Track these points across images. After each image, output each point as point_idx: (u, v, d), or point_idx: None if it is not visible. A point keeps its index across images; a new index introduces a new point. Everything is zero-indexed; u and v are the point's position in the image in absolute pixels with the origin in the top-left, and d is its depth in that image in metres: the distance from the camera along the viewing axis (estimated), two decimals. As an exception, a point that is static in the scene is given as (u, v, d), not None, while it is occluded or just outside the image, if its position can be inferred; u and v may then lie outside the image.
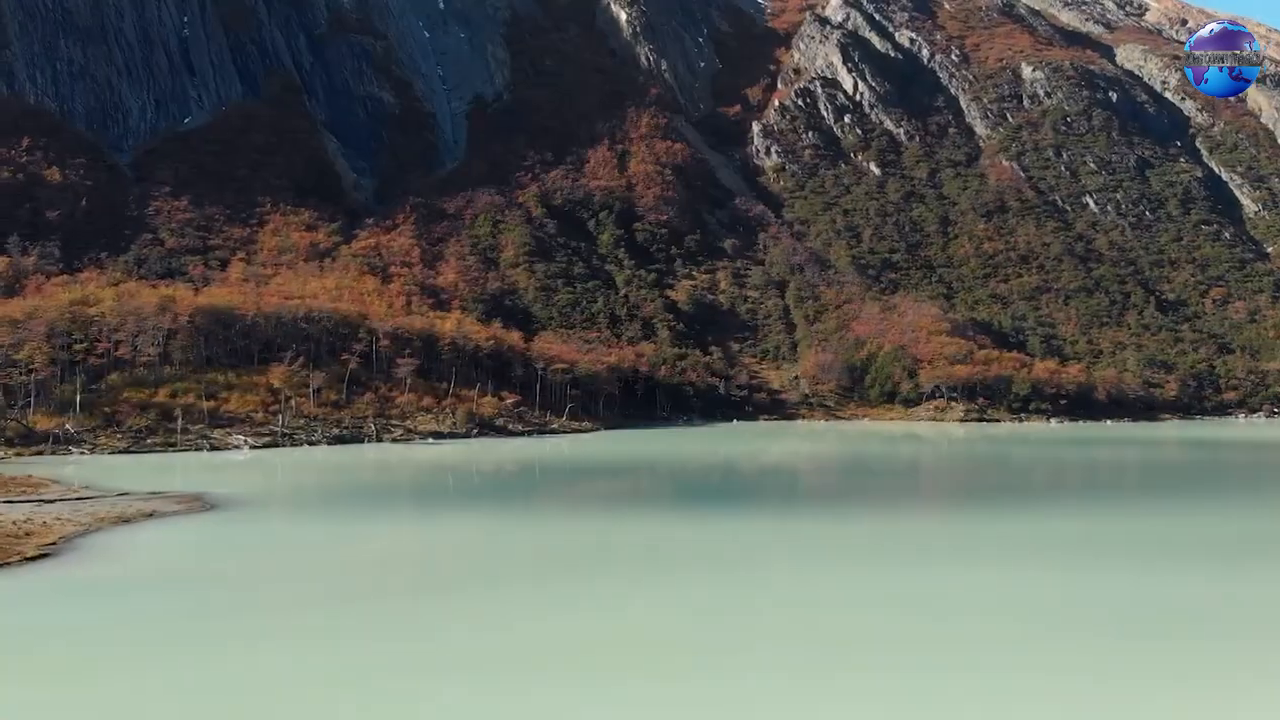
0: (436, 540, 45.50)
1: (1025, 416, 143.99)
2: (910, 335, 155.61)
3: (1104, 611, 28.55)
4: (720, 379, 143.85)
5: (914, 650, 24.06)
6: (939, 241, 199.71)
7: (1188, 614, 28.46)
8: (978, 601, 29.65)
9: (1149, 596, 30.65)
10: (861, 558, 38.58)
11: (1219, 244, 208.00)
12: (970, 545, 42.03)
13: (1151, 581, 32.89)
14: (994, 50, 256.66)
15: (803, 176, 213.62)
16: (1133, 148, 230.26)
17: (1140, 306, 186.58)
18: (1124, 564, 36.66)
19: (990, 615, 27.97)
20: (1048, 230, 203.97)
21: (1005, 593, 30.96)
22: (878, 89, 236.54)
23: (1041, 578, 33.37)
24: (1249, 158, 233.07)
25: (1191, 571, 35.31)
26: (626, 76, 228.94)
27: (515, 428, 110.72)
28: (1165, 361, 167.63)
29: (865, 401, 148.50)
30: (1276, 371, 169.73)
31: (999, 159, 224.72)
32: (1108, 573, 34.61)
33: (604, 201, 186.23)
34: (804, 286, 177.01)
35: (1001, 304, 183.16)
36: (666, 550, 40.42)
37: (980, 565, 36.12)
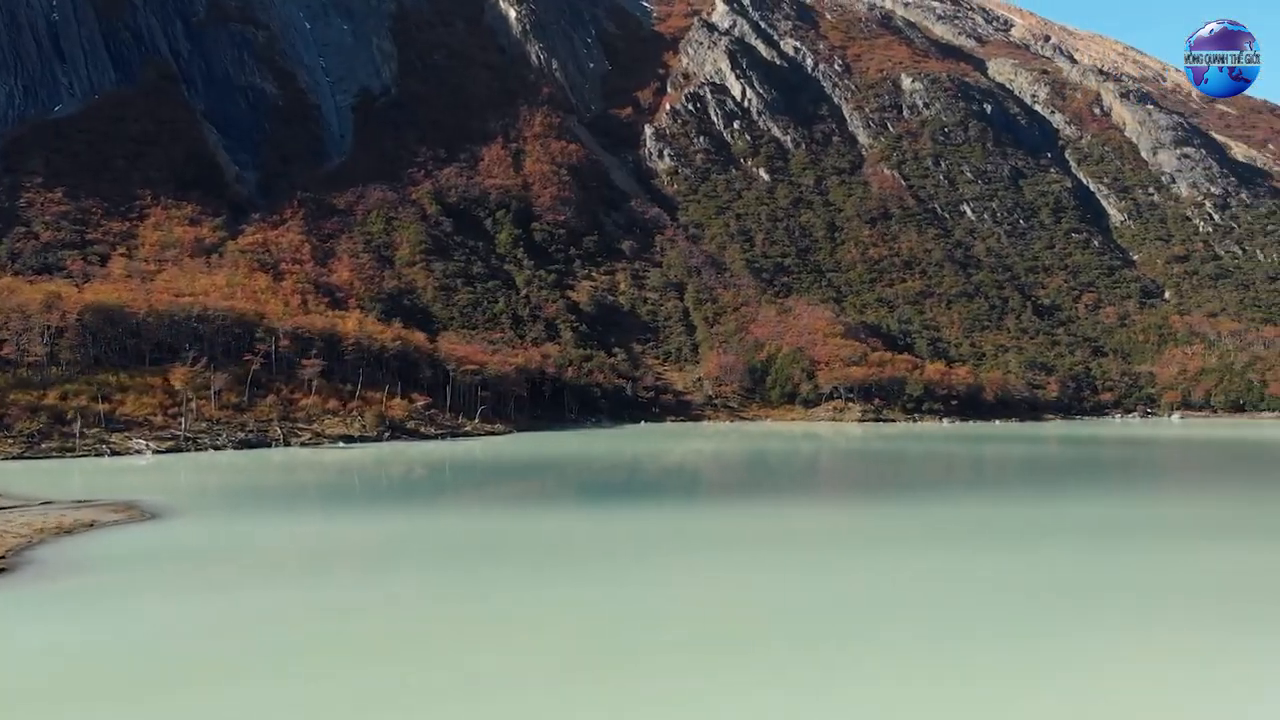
0: (419, 529, 46.83)
1: (919, 417, 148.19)
2: (807, 338, 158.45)
3: (985, 586, 31.97)
4: (627, 380, 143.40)
5: (793, 635, 25.91)
6: (827, 247, 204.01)
7: (1062, 584, 32.22)
8: (865, 587, 32.08)
9: (1012, 574, 34.07)
10: (768, 547, 40.58)
11: (1089, 251, 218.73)
12: (863, 533, 45.67)
13: (1029, 560, 36.91)
14: (874, 61, 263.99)
15: (695, 180, 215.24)
16: (1006, 158, 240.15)
17: (1018, 311, 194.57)
18: (1001, 545, 40.48)
19: (889, 599, 30.23)
20: (929, 237, 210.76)
21: (903, 575, 33.54)
22: (765, 96, 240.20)
23: (934, 561, 36.26)
24: (1114, 169, 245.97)
25: (1069, 549, 39.20)
26: (517, 75, 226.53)
27: (428, 431, 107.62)
28: (1045, 364, 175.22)
29: (767, 402, 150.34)
30: (1148, 374, 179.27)
31: (881, 167, 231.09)
32: (991, 553, 38.39)
33: (500, 200, 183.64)
34: (702, 289, 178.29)
35: (888, 308, 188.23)
36: (570, 543, 42.79)
37: (876, 551, 39.04)
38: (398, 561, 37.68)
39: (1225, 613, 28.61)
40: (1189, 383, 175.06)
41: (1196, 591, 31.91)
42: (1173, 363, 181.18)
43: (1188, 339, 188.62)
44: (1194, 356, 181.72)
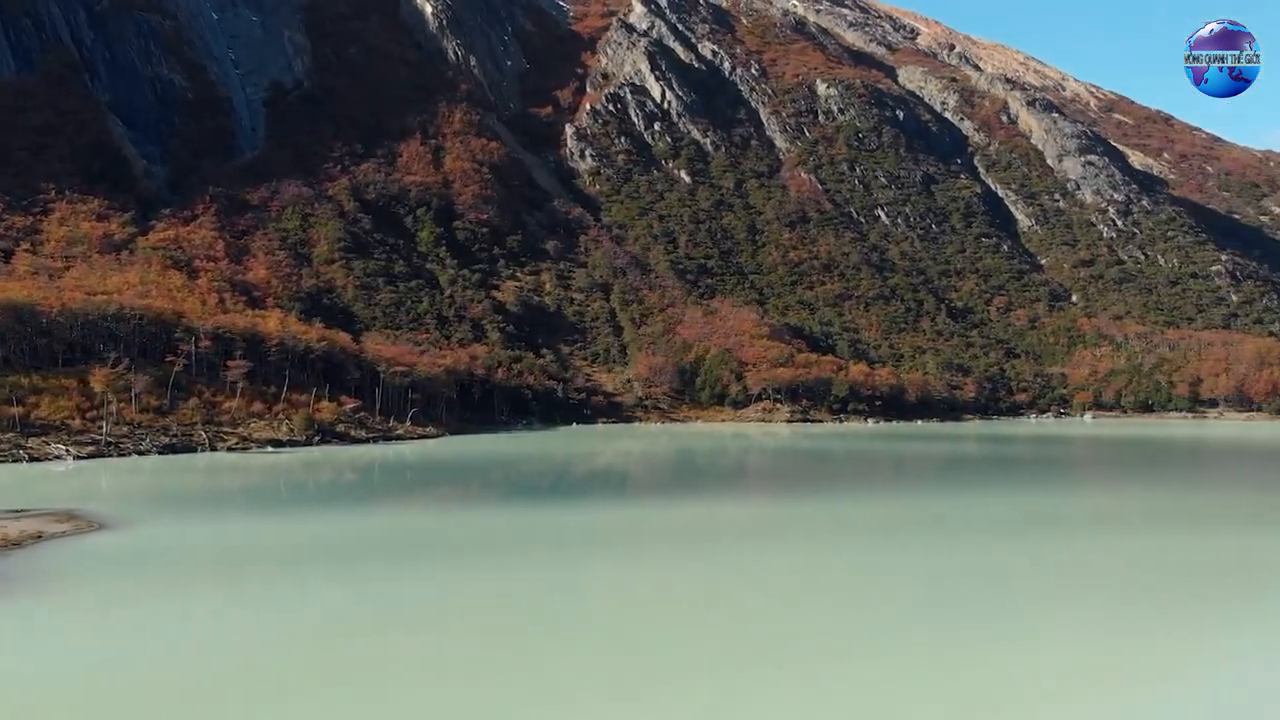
0: (387, 528, 47.83)
1: (845, 417, 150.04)
2: (734, 339, 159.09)
3: (892, 578, 34.16)
4: (558, 382, 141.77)
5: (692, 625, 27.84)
6: (749, 249, 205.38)
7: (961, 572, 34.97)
8: (788, 578, 33.88)
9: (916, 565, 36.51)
10: (688, 541, 42.86)
11: (998, 256, 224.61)
12: (782, 527, 47.86)
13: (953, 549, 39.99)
14: (790, 66, 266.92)
15: (618, 181, 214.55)
16: (918, 164, 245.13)
17: (933, 313, 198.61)
18: (898, 541, 43.15)
19: (801, 588, 32.24)
20: (846, 240, 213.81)
21: (814, 568, 35.94)
22: (685, 98, 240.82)
23: (859, 552, 39.23)
24: (1021, 176, 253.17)
25: (982, 539, 42.90)
26: (435, 71, 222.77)
27: (358, 434, 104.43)
28: (962, 365, 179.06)
29: (696, 404, 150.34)
30: (1060, 375, 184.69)
31: (798, 171, 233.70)
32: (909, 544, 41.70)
33: (420, 198, 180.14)
34: (628, 290, 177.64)
35: (809, 310, 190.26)
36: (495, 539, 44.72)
37: (792, 545, 41.16)
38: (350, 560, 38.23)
39: (1137, 594, 31.86)
40: (1099, 384, 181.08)
41: (1083, 577, 35.04)
42: (1083, 364, 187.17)
43: (1096, 341, 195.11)
44: (1103, 358, 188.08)
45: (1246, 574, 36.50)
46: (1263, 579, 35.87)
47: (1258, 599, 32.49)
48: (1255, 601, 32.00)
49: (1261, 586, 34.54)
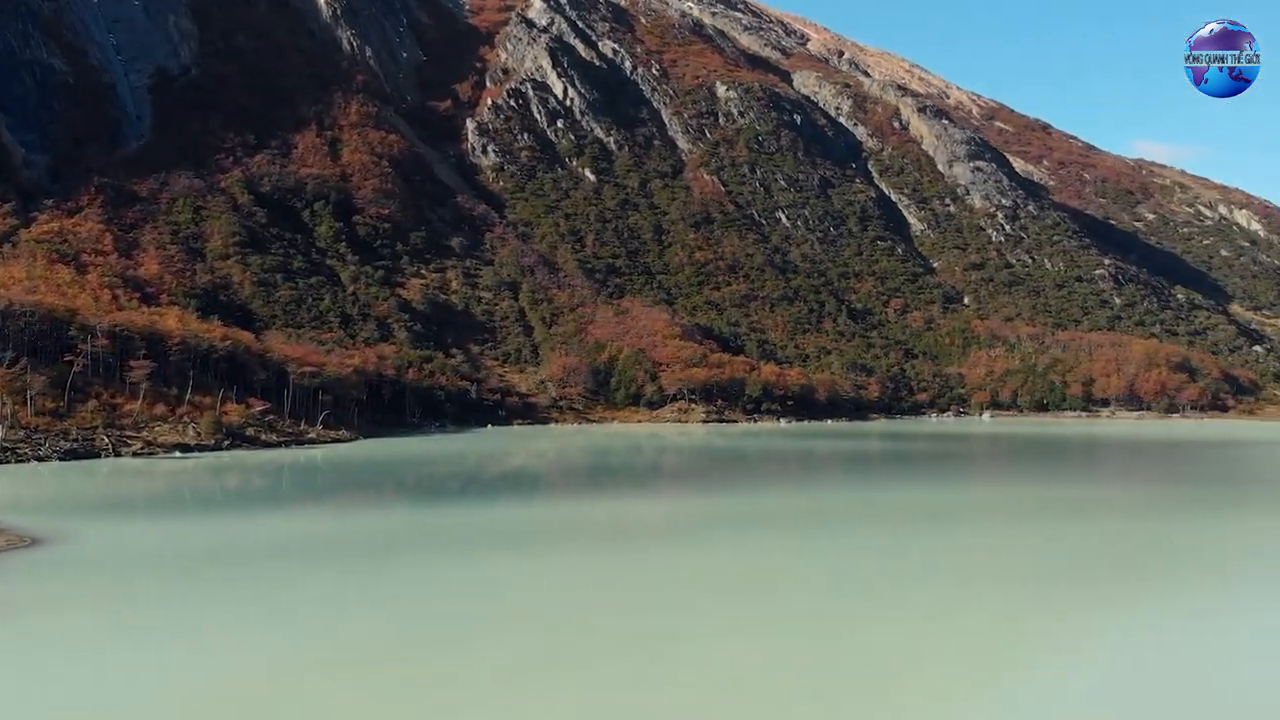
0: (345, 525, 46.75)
1: (758, 417, 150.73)
2: (647, 339, 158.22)
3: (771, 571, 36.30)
4: (471, 383, 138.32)
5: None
6: (655, 249, 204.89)
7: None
8: (694, 571, 35.58)
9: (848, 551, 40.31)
10: (589, 539, 44.52)
11: (894, 259, 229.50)
12: (693, 523, 49.63)
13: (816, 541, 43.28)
14: (690, 68, 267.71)
15: (522, 178, 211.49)
16: (815, 168, 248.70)
17: (835, 314, 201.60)
18: (797, 530, 46.59)
19: (687, 584, 33.51)
20: (749, 242, 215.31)
21: (713, 564, 37.30)
22: (587, 96, 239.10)
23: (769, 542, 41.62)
24: (914, 181, 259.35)
25: (863, 532, 46.12)
26: (329, 60, 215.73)
27: (268, 438, 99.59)
28: (865, 365, 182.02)
29: (612, 404, 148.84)
30: (957, 375, 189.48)
31: (701, 173, 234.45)
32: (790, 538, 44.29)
33: (318, 191, 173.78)
34: (537, 289, 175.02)
35: (717, 310, 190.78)
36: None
37: (702, 540, 43.12)
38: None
39: (1022, 578, 35.19)
40: (996, 383, 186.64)
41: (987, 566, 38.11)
42: (979, 364, 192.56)
43: (989, 342, 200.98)
44: (998, 359, 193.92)
45: (1125, 558, 40.35)
46: (1139, 563, 39.67)
47: (1128, 581, 35.98)
48: (1125, 584, 35.38)
49: (1133, 570, 38.14)
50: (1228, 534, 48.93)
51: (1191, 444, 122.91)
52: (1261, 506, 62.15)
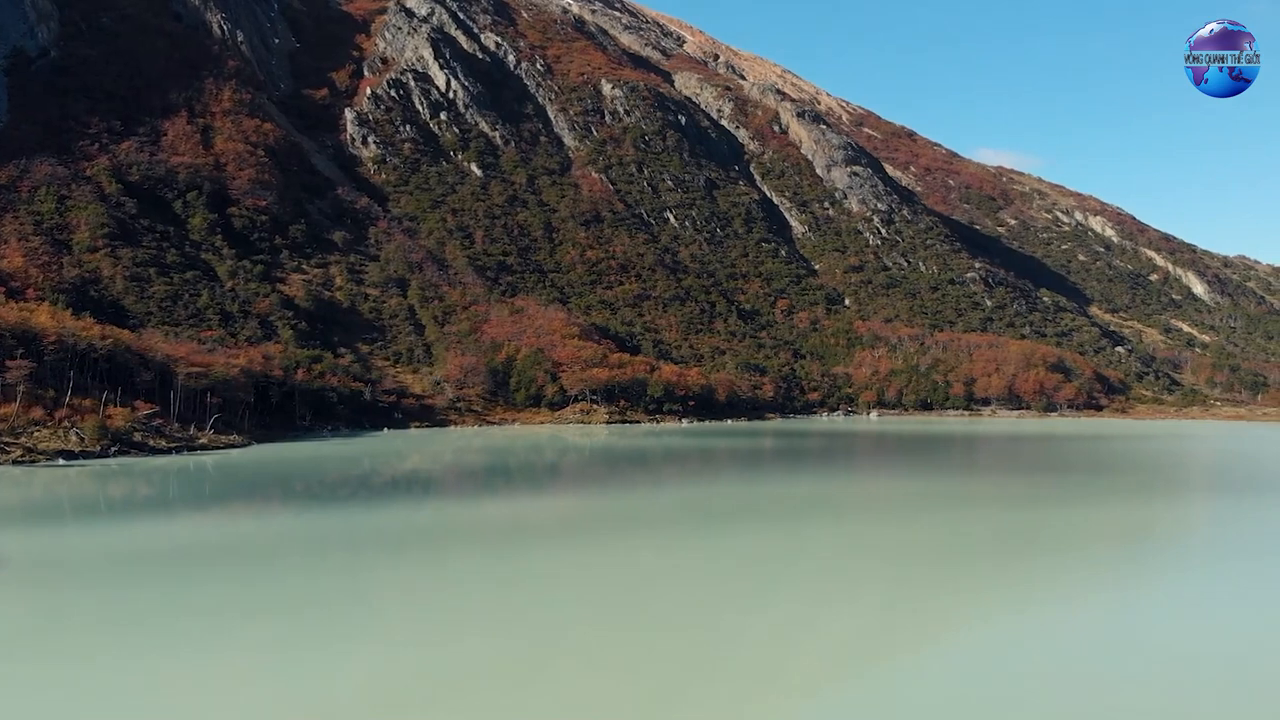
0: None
1: (661, 417, 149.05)
2: (545, 339, 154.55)
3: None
4: (365, 384, 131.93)
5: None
6: (546, 247, 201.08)
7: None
8: (582, 570, 35.84)
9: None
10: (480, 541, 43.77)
11: (778, 260, 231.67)
12: (589, 523, 49.53)
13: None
14: (574, 64, 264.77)
15: (405, 171, 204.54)
16: (701, 169, 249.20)
17: (725, 315, 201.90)
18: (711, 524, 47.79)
19: (596, 579, 34.07)
20: (640, 241, 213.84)
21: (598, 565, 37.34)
22: (471, 89, 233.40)
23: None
24: (794, 184, 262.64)
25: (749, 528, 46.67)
26: (199, 45, 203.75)
27: (157, 443, 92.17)
28: (758, 366, 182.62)
29: (512, 405, 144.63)
30: (845, 375, 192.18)
31: (589, 170, 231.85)
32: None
33: (190, 181, 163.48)
34: (426, 286, 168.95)
35: (611, 310, 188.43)
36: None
37: (598, 540, 43.07)
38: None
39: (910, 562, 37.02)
40: (882, 383, 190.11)
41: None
42: (865, 365, 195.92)
43: (872, 343, 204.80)
44: (882, 359, 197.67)
45: (996, 546, 42.28)
46: (1012, 548, 41.66)
47: (1007, 564, 37.80)
48: (1002, 567, 37.17)
49: (1009, 555, 40.07)
50: (1100, 520, 51.09)
51: (1078, 438, 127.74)
52: (1131, 495, 64.05)
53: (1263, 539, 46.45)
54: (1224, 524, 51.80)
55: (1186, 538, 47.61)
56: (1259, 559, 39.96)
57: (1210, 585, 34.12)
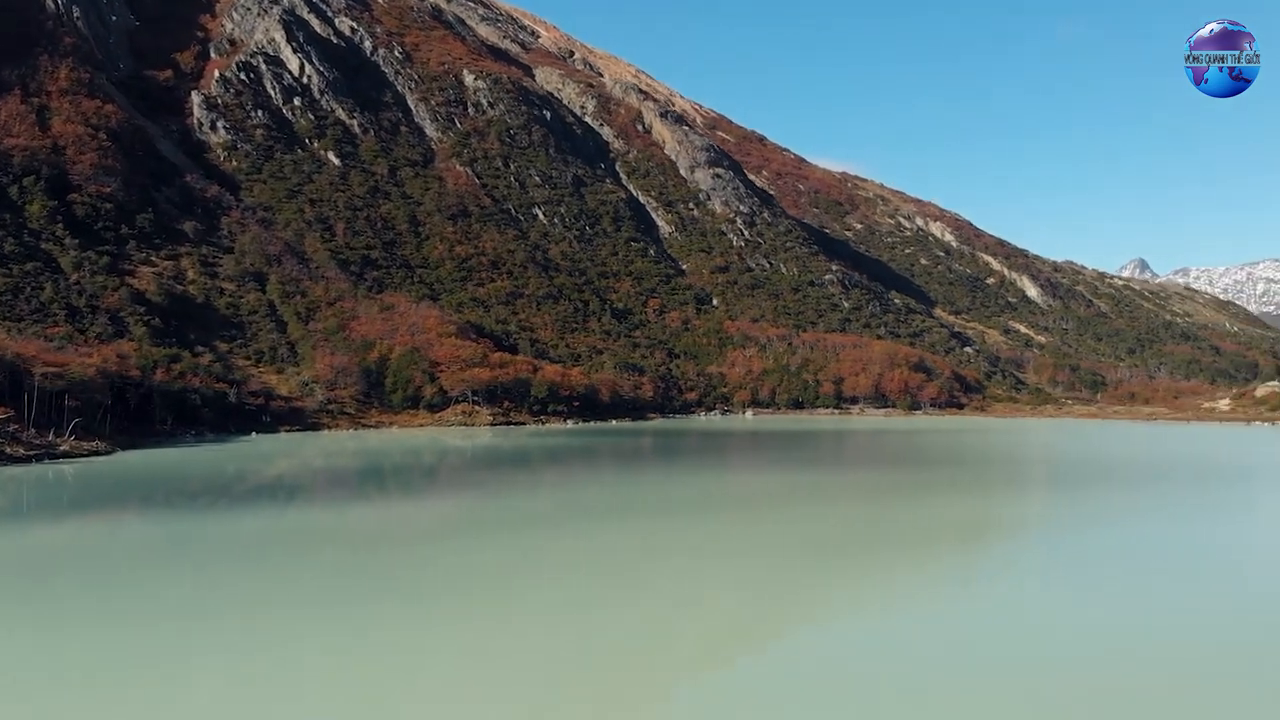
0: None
1: (545, 418, 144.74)
2: (420, 337, 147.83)
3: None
4: (231, 386, 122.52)
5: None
6: (413, 241, 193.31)
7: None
8: (435, 570, 35.30)
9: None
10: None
11: (647, 260, 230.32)
12: (456, 525, 48.64)
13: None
14: (434, 53, 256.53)
15: (258, 158, 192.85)
16: (568, 165, 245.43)
17: (599, 314, 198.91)
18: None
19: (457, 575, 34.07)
20: (509, 238, 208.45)
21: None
22: (327, 75, 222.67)
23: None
24: (659, 184, 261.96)
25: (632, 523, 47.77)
26: (31, 19, 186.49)
27: (14, 451, 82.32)
28: (637, 366, 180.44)
29: (388, 407, 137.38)
30: (719, 374, 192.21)
31: (453, 163, 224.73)
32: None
33: (26, 165, 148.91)
34: (286, 280, 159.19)
35: (484, 308, 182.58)
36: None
37: (463, 542, 42.38)
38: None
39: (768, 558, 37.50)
40: (755, 383, 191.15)
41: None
42: (737, 364, 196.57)
43: (742, 343, 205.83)
44: (753, 359, 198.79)
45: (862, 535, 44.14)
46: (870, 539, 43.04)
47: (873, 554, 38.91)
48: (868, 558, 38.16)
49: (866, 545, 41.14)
50: (957, 512, 52.75)
51: (941, 433, 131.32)
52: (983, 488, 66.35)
53: (1107, 528, 47.56)
54: (1081, 515, 53.11)
55: (1043, 530, 48.62)
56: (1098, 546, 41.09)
57: (1045, 580, 34.51)
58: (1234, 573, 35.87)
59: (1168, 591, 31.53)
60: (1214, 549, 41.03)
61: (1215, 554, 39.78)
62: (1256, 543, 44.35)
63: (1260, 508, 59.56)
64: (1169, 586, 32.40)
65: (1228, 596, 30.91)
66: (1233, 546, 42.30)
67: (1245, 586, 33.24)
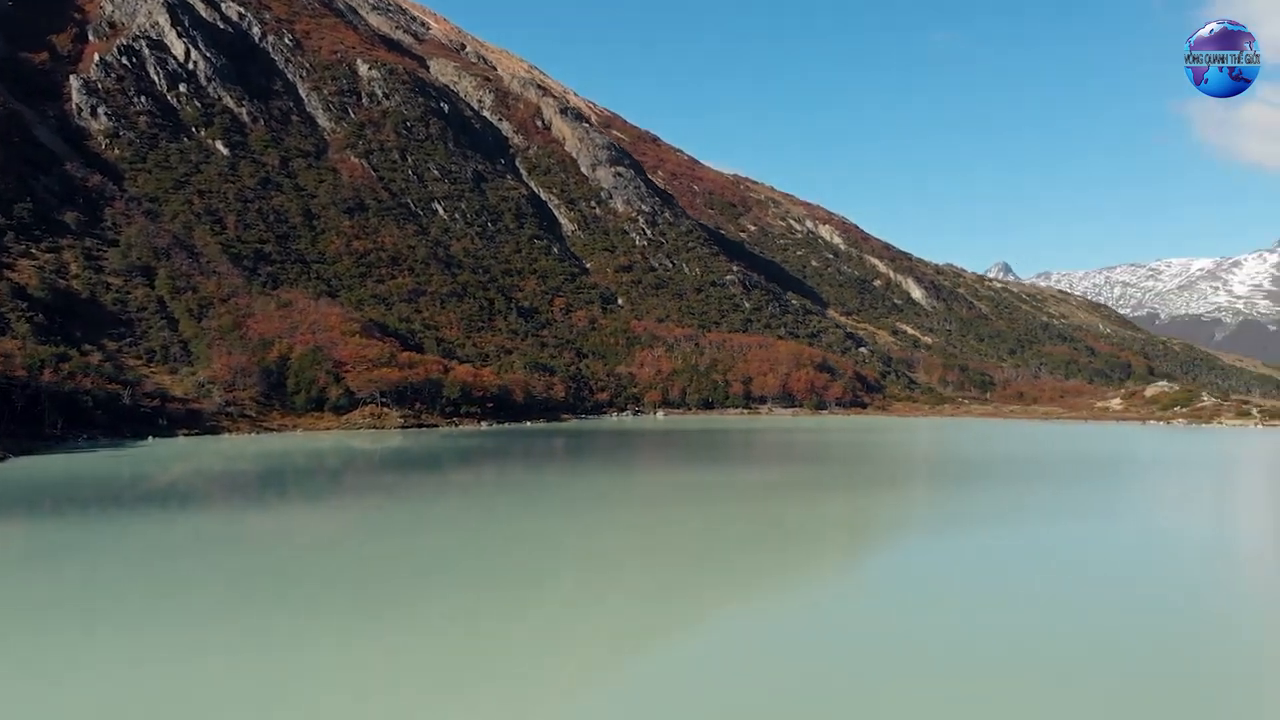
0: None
1: (458, 420, 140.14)
2: (323, 335, 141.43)
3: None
4: (124, 387, 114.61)
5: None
6: (308, 235, 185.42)
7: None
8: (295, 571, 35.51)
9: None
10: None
11: (551, 258, 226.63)
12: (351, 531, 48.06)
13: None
14: (325, 41, 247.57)
15: (142, 147, 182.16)
16: (468, 160, 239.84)
17: (505, 312, 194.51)
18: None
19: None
20: (409, 233, 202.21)
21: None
22: (214, 61, 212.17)
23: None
24: (561, 181, 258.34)
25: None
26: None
27: (-111, 461, 74.62)
28: (547, 366, 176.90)
29: (291, 410, 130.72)
30: (629, 374, 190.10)
31: (348, 155, 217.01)
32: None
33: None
34: (177, 276, 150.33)
35: (385, 305, 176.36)
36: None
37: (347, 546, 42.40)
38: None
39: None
40: (665, 383, 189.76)
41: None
42: (647, 365, 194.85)
43: (650, 342, 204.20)
44: (662, 359, 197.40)
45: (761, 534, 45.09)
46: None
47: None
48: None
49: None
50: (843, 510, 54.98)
51: (851, 432, 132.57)
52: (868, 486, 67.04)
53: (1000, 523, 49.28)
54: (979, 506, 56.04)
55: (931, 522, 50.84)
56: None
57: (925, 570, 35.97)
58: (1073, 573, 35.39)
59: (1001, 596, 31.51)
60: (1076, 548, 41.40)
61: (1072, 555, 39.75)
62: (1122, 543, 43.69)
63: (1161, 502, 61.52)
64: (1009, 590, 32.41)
65: (1047, 601, 30.53)
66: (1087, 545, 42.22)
67: (1076, 591, 32.44)
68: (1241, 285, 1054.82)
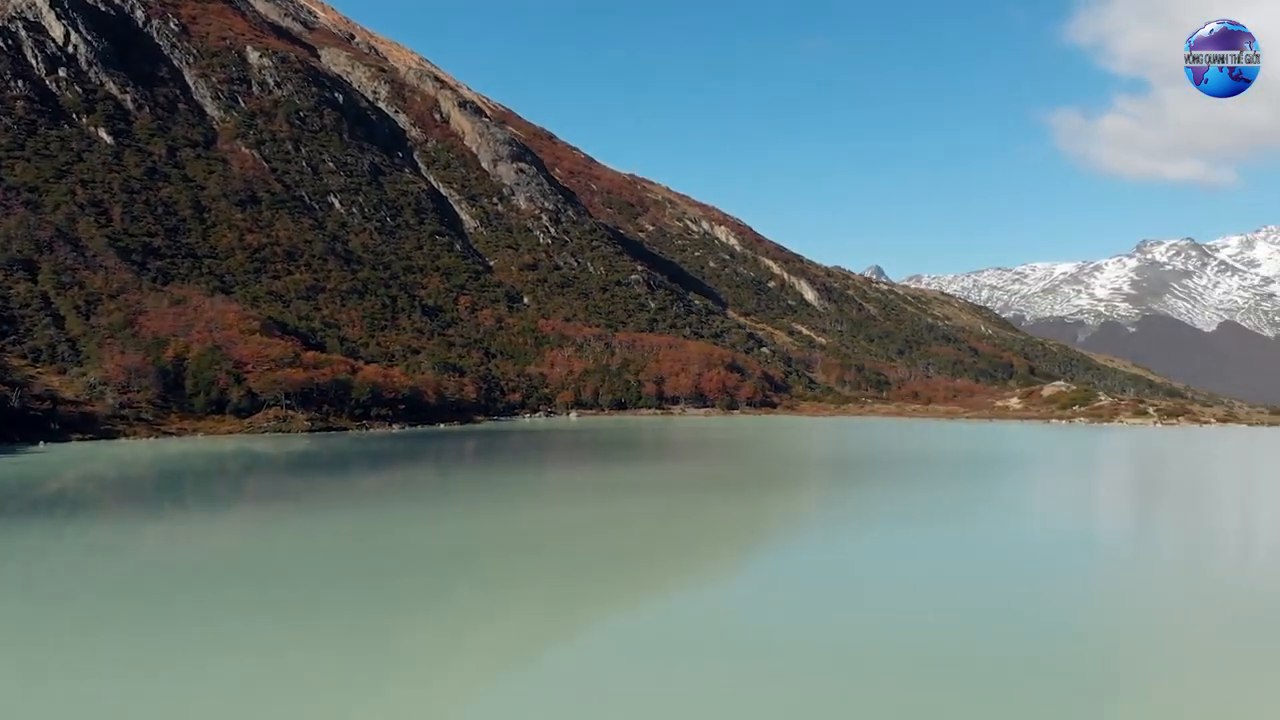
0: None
1: (369, 423, 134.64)
2: (221, 334, 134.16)
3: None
4: (12, 388, 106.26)
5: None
6: (198, 229, 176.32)
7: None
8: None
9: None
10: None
11: (454, 255, 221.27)
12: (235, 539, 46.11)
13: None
14: (213, 27, 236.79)
15: (19, 133, 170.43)
16: (364, 153, 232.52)
17: (408, 311, 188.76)
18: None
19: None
20: (305, 227, 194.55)
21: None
22: (95, 45, 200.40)
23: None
24: (461, 177, 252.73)
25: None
26: None
27: None
28: (457, 366, 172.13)
29: (190, 412, 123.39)
30: (540, 375, 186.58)
31: (238, 145, 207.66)
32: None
33: None
34: (61, 270, 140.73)
35: (282, 302, 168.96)
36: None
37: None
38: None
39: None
40: (577, 383, 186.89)
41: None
42: (558, 365, 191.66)
43: (559, 342, 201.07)
44: (573, 359, 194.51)
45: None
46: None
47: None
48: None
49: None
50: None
51: (764, 429, 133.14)
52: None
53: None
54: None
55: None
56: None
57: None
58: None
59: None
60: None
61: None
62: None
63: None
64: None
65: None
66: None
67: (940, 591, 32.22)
68: (1103, 289, 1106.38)
